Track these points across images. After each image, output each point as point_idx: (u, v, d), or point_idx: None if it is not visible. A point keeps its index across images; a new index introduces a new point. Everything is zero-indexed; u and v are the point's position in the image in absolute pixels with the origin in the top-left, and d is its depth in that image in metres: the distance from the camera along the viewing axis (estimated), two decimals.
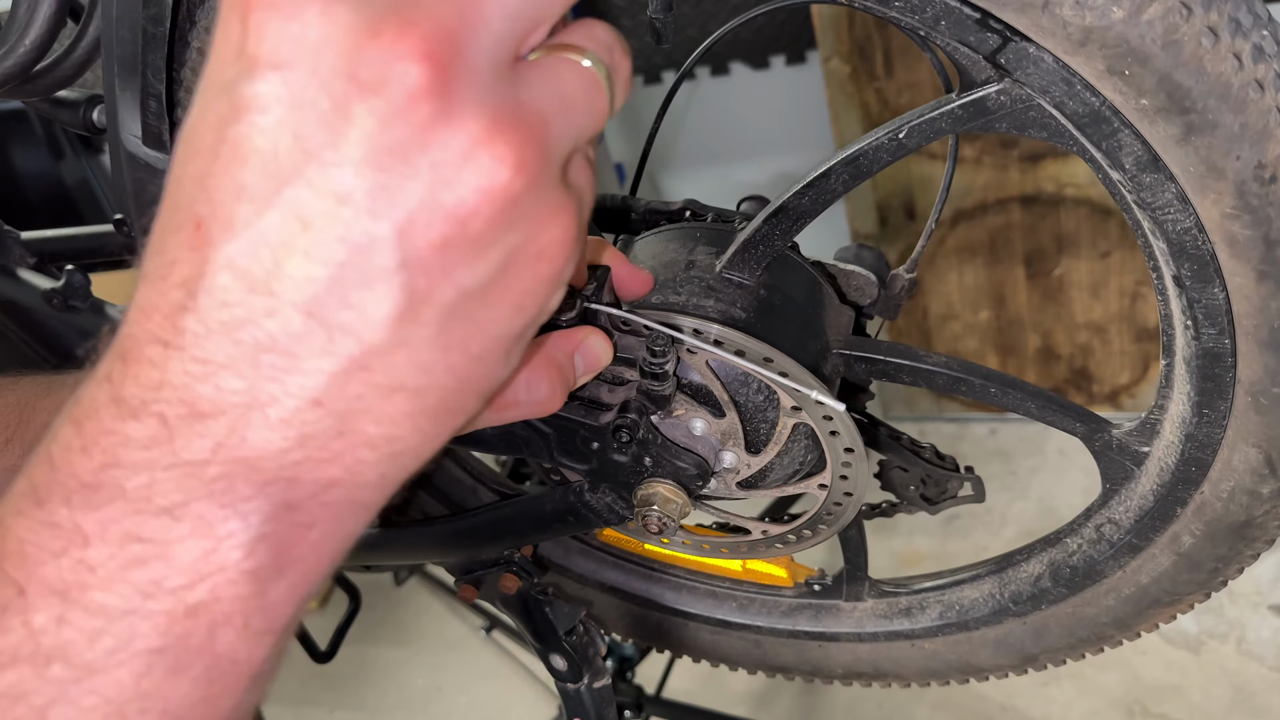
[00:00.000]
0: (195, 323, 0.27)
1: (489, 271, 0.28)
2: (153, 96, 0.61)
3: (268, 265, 0.27)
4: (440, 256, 0.27)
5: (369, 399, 0.28)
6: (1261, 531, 0.53)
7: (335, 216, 0.26)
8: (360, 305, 0.27)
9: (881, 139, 0.48)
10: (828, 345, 0.58)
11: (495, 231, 0.28)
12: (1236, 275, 0.43)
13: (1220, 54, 0.36)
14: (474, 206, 0.27)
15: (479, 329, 0.29)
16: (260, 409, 0.28)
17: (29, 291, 0.78)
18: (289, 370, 0.27)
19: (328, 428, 0.28)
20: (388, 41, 0.25)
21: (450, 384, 0.29)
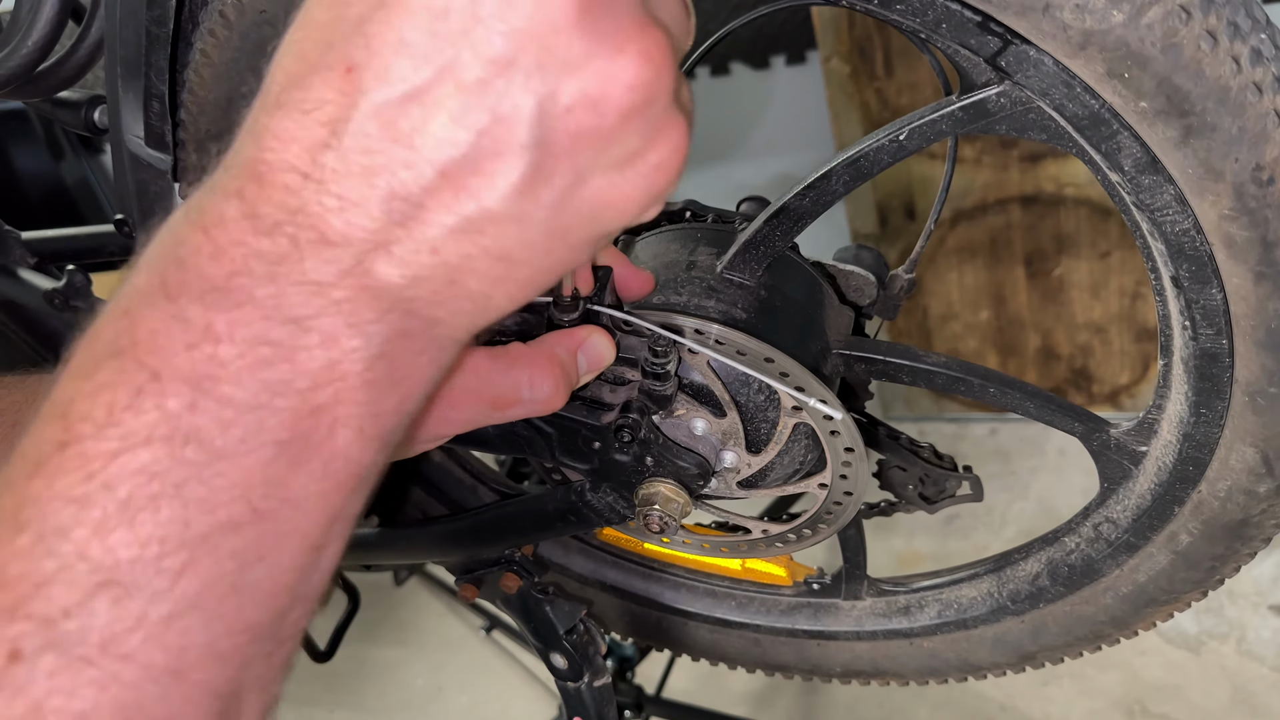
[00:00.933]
0: (335, 160, 0.29)
1: (608, 166, 0.30)
2: (156, 98, 0.62)
3: (415, 121, 0.28)
4: (571, 141, 0.29)
5: (477, 260, 0.31)
6: (1258, 530, 0.53)
7: (488, 85, 0.28)
8: (490, 173, 0.29)
9: (882, 141, 0.48)
10: (828, 345, 0.58)
11: (626, 128, 0.29)
12: (1234, 276, 0.43)
13: (1219, 57, 0.36)
14: (614, 99, 0.29)
15: (582, 220, 0.31)
16: (385, 247, 0.30)
17: (30, 291, 0.78)
18: (415, 219, 0.29)
19: (439, 275, 0.31)
20: None
21: (543, 264, 0.32)
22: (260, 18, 0.53)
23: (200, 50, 0.56)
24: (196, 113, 0.60)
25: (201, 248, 0.30)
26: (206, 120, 0.60)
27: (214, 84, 0.57)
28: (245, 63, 0.55)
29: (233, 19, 0.53)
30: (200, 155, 0.62)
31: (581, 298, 0.50)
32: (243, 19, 0.53)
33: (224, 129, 0.60)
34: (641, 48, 0.29)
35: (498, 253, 0.31)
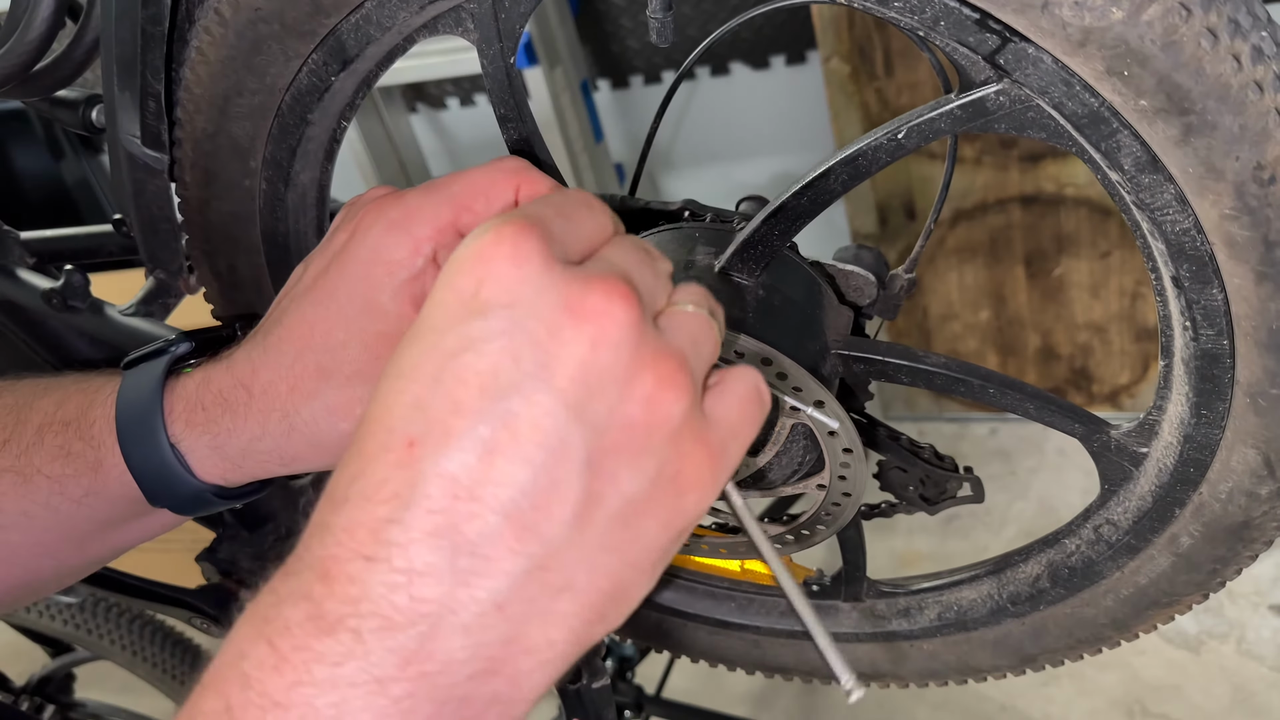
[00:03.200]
0: (400, 533, 0.30)
1: (646, 481, 0.32)
2: (151, 96, 0.61)
3: (476, 472, 0.30)
4: (613, 460, 0.31)
5: (540, 601, 0.31)
6: (1260, 532, 0.53)
7: (539, 424, 0.30)
8: (547, 505, 0.30)
9: (880, 139, 0.48)
10: (827, 345, 0.58)
11: (656, 443, 0.32)
12: (1235, 276, 0.43)
13: (1219, 55, 0.36)
14: (645, 420, 0.32)
15: (635, 536, 0.32)
16: (450, 615, 0.30)
17: (29, 291, 0.78)
18: (480, 573, 0.30)
19: (501, 634, 0.31)
20: (599, 284, 0.32)
21: (606, 587, 0.32)
22: (256, 15, 0.52)
23: (196, 48, 0.56)
24: (193, 111, 0.59)
25: (265, 660, 0.30)
26: (203, 119, 0.60)
27: (210, 82, 0.57)
28: (241, 61, 0.55)
29: (228, 17, 0.53)
30: (196, 154, 0.62)
31: None
32: (238, 17, 0.53)
33: (220, 127, 0.59)
34: (666, 377, 0.32)
35: (561, 585, 0.31)
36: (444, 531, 0.30)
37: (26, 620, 1.33)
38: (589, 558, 0.31)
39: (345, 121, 0.60)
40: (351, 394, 0.48)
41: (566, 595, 0.31)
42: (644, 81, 2.37)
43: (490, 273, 0.32)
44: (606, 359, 0.31)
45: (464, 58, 2.10)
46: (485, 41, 0.51)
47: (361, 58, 0.54)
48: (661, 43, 0.48)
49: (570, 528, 0.31)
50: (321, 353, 0.48)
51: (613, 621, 0.34)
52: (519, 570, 0.30)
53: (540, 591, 0.31)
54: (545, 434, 0.30)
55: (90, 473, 0.51)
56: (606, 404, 0.31)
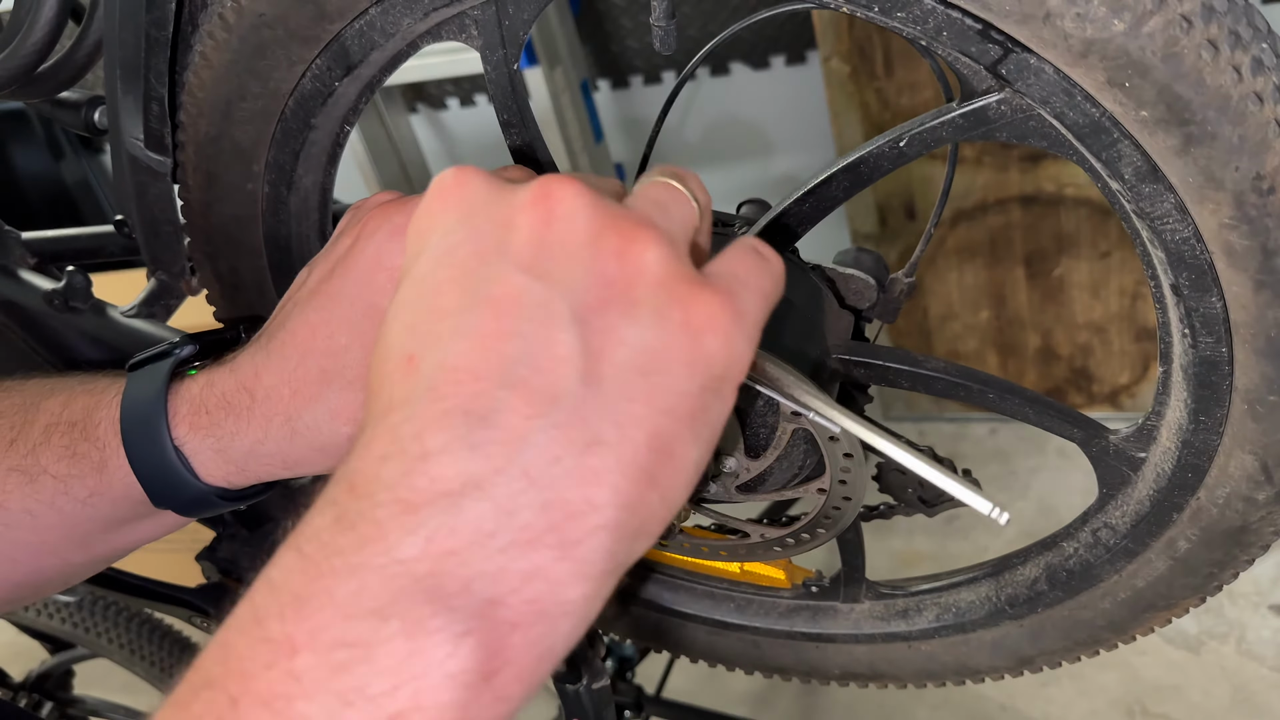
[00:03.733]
0: (410, 425, 0.30)
1: (648, 328, 0.32)
2: (155, 100, 0.62)
3: (472, 355, 0.31)
4: (603, 315, 0.32)
5: (567, 460, 0.30)
6: (1257, 537, 0.53)
7: (516, 298, 0.31)
8: (549, 367, 0.31)
9: (882, 147, 0.48)
10: (826, 350, 0.58)
11: (643, 292, 0.32)
12: (1234, 284, 0.43)
13: (1220, 67, 0.36)
14: (623, 275, 0.32)
15: (658, 383, 0.32)
16: (473, 490, 0.29)
17: (30, 292, 0.78)
18: (497, 442, 0.30)
19: (532, 500, 0.30)
20: (543, 179, 0.34)
21: (641, 437, 0.31)
22: (259, 20, 0.53)
23: (200, 53, 0.56)
24: (196, 115, 0.60)
25: (291, 565, 0.30)
26: (206, 122, 0.60)
27: (213, 86, 0.57)
28: (245, 65, 0.55)
29: (232, 22, 0.53)
30: (199, 158, 0.62)
31: None
32: (242, 22, 0.53)
33: (223, 131, 0.59)
34: (621, 230, 0.33)
35: (586, 439, 0.30)
36: (453, 413, 0.30)
37: (26, 618, 1.34)
38: (611, 408, 0.31)
39: (349, 126, 0.60)
40: (354, 398, 0.48)
41: (597, 450, 0.30)
42: (644, 81, 2.37)
43: (443, 202, 0.35)
44: (563, 228, 0.33)
45: (464, 58, 2.10)
46: (489, 48, 0.51)
47: (365, 63, 0.54)
48: (665, 50, 0.48)
49: (579, 383, 0.31)
50: (324, 357, 0.48)
51: (664, 485, 0.32)
52: (537, 432, 0.30)
53: (565, 449, 0.30)
54: (522, 304, 0.31)
55: (95, 473, 0.52)
56: (578, 266, 0.32)
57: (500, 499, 0.29)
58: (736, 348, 0.34)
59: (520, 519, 0.29)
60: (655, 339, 0.32)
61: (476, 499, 0.29)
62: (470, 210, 0.34)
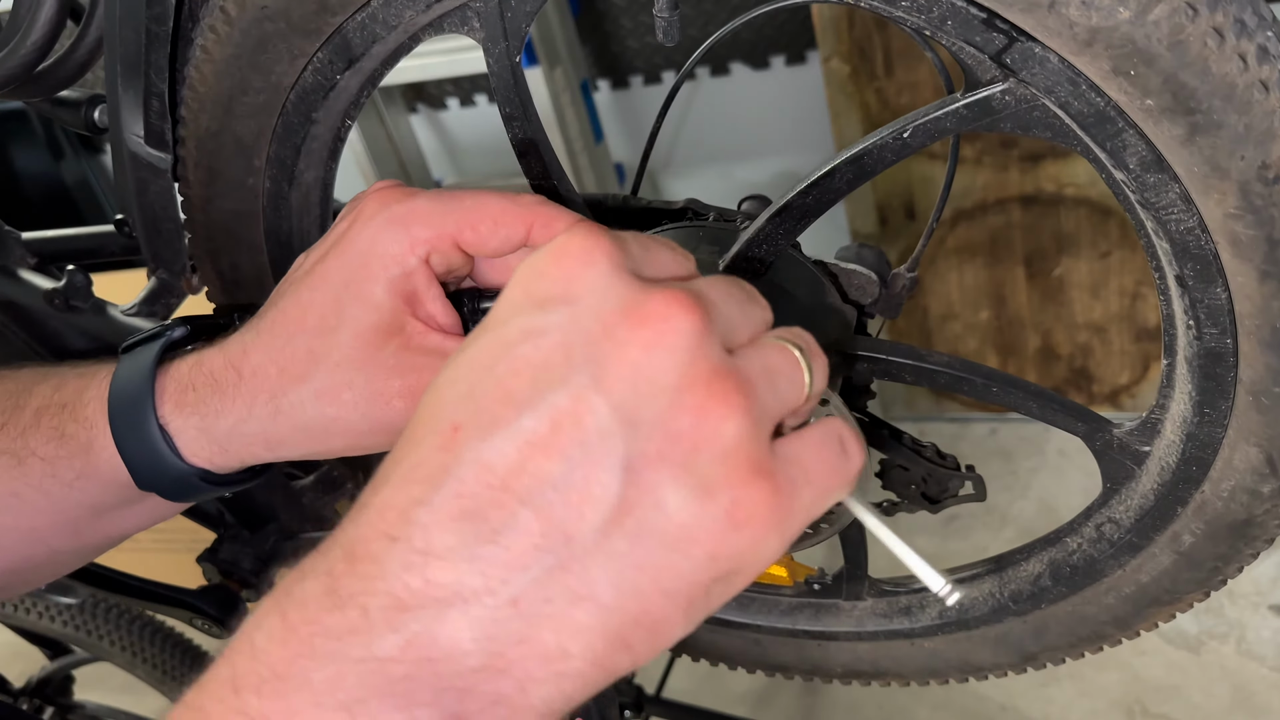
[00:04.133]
0: (425, 514, 0.30)
1: (692, 500, 0.30)
2: (155, 96, 0.61)
3: (511, 461, 0.29)
4: (655, 471, 0.30)
5: (557, 603, 0.30)
6: (1262, 530, 0.53)
7: (581, 420, 0.30)
8: (578, 504, 0.30)
9: (886, 139, 0.48)
10: (831, 344, 0.58)
11: (704, 460, 0.30)
12: (1239, 275, 0.43)
13: (1226, 55, 0.36)
14: (693, 436, 0.30)
15: (674, 563, 0.31)
16: (461, 603, 0.29)
17: (31, 291, 0.78)
18: (499, 564, 0.29)
19: (513, 631, 0.30)
20: (665, 292, 0.31)
21: (634, 610, 0.31)
22: (262, 14, 0.53)
23: (201, 47, 0.56)
24: (197, 110, 0.59)
25: (275, 632, 0.30)
26: (207, 118, 0.60)
27: (215, 81, 0.57)
28: (247, 59, 0.55)
29: (234, 15, 0.53)
30: (200, 153, 0.62)
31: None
32: (244, 15, 0.53)
33: (224, 126, 0.59)
34: (719, 394, 0.31)
35: (581, 593, 0.30)
36: (469, 516, 0.29)
37: (25, 621, 1.33)
38: (617, 571, 0.30)
39: (350, 120, 0.60)
40: (339, 379, 0.47)
41: (587, 605, 0.30)
42: (644, 81, 2.37)
43: (559, 270, 0.32)
44: (660, 363, 0.30)
45: (464, 58, 2.10)
46: (491, 40, 0.51)
47: (367, 56, 0.54)
48: (668, 42, 0.48)
49: (600, 533, 0.30)
50: (313, 337, 0.48)
51: (638, 653, 0.32)
52: (539, 567, 0.29)
53: (559, 593, 0.30)
54: (586, 431, 0.30)
55: (82, 454, 0.51)
56: (654, 410, 0.30)
57: (484, 621, 0.29)
58: (767, 549, 0.32)
59: (496, 645, 0.30)
60: (691, 516, 0.30)
61: (462, 614, 0.29)
62: (581, 296, 0.32)
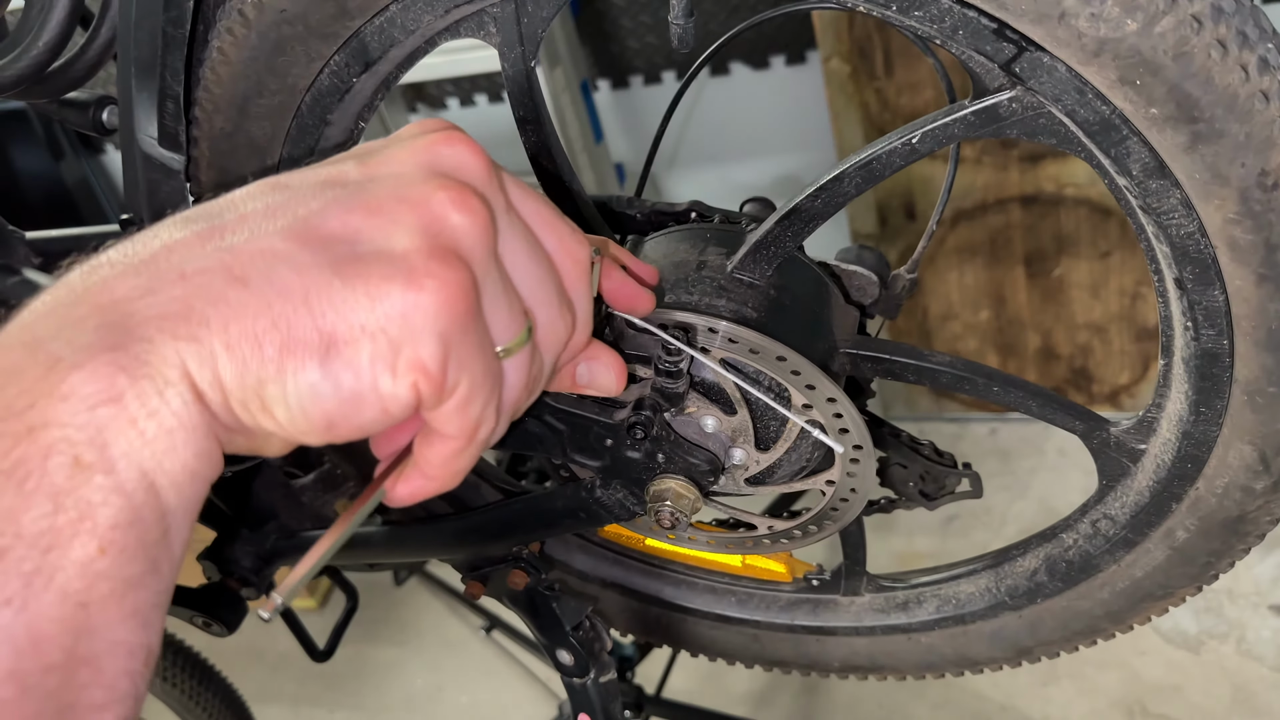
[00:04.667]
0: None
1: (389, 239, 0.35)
2: (170, 97, 0.62)
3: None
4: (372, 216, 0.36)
5: (213, 274, 0.33)
6: (1254, 526, 0.54)
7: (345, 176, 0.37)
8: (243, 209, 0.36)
9: (895, 144, 0.49)
10: (835, 344, 0.59)
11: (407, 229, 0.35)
12: (1237, 278, 0.44)
13: (1228, 66, 0.37)
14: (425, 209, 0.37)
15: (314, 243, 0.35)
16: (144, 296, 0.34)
17: (33, 291, 0.79)
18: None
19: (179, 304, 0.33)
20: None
21: (277, 287, 0.33)
22: (280, 17, 0.53)
23: (218, 49, 0.57)
24: (211, 111, 0.60)
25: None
26: (221, 119, 0.60)
27: (230, 83, 0.58)
28: (263, 61, 0.56)
29: (252, 18, 0.54)
30: (213, 154, 0.63)
31: (603, 301, 0.51)
32: (262, 18, 0.54)
33: (239, 127, 0.60)
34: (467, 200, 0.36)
35: (237, 271, 0.33)
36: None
37: None
38: (261, 249, 0.34)
39: (363, 123, 0.61)
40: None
41: (236, 285, 0.33)
42: (644, 81, 2.38)
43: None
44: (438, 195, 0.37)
45: (464, 58, 2.11)
46: (507, 45, 0.51)
47: (383, 59, 0.55)
48: (683, 48, 0.49)
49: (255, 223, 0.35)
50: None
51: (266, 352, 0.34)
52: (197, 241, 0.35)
53: (214, 264, 0.34)
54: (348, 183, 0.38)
55: None
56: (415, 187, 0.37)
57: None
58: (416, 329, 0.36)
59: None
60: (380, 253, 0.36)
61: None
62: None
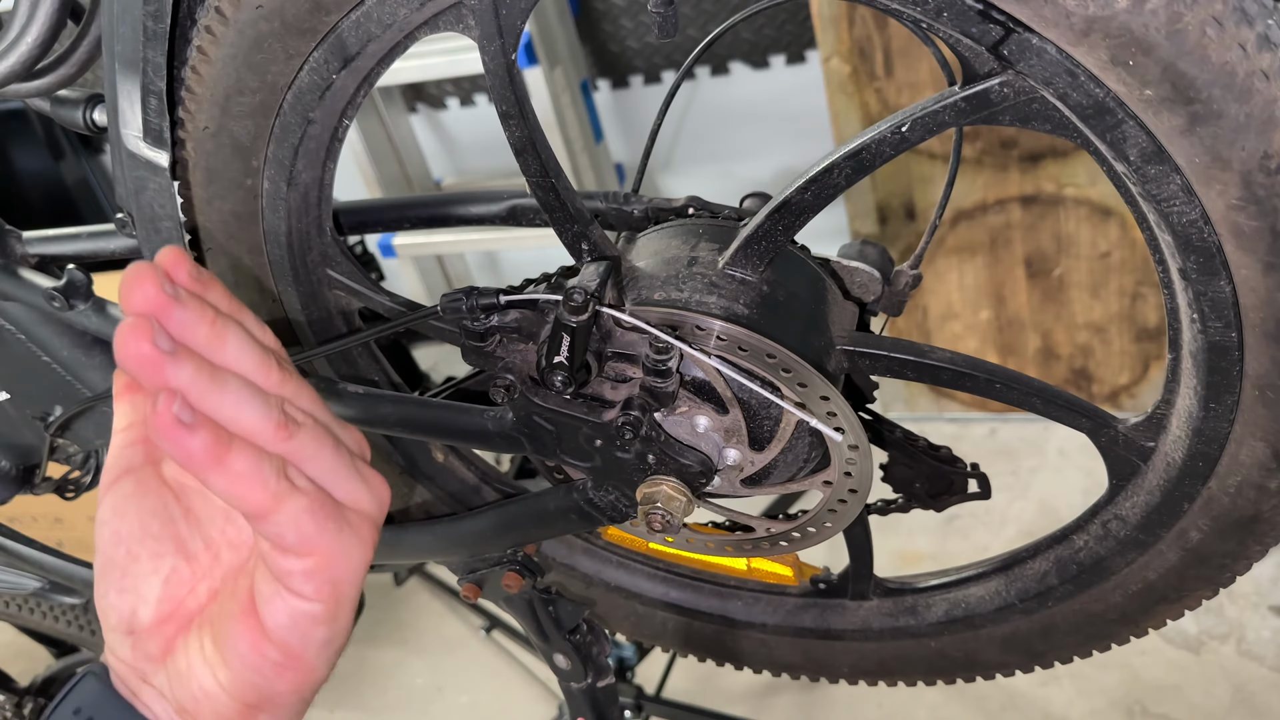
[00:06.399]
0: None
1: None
2: (153, 94, 0.61)
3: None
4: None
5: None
6: (1270, 526, 0.53)
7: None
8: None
9: (884, 132, 0.47)
10: (831, 341, 0.58)
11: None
12: (1243, 267, 0.42)
13: (1225, 43, 0.36)
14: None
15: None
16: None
17: (31, 290, 0.78)
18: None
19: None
20: None
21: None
22: (256, 13, 0.52)
23: (198, 47, 0.56)
24: (194, 110, 0.59)
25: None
26: (204, 118, 0.59)
27: (212, 81, 0.57)
28: (242, 59, 0.55)
29: (229, 15, 0.53)
30: (198, 153, 0.62)
31: (591, 295, 0.50)
32: (239, 15, 0.53)
33: (222, 126, 0.59)
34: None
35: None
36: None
37: (30, 621, 1.33)
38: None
39: (347, 120, 0.60)
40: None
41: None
42: (644, 81, 2.37)
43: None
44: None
45: (464, 58, 2.10)
46: (486, 38, 0.50)
47: (362, 55, 0.54)
48: (666, 36, 0.47)
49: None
50: None
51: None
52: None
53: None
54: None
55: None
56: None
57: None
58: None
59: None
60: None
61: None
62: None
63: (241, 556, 0.44)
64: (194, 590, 0.43)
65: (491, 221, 0.74)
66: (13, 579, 1.02)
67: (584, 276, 0.53)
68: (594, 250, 0.55)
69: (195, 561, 0.43)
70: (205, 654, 0.42)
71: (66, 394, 0.81)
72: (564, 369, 0.53)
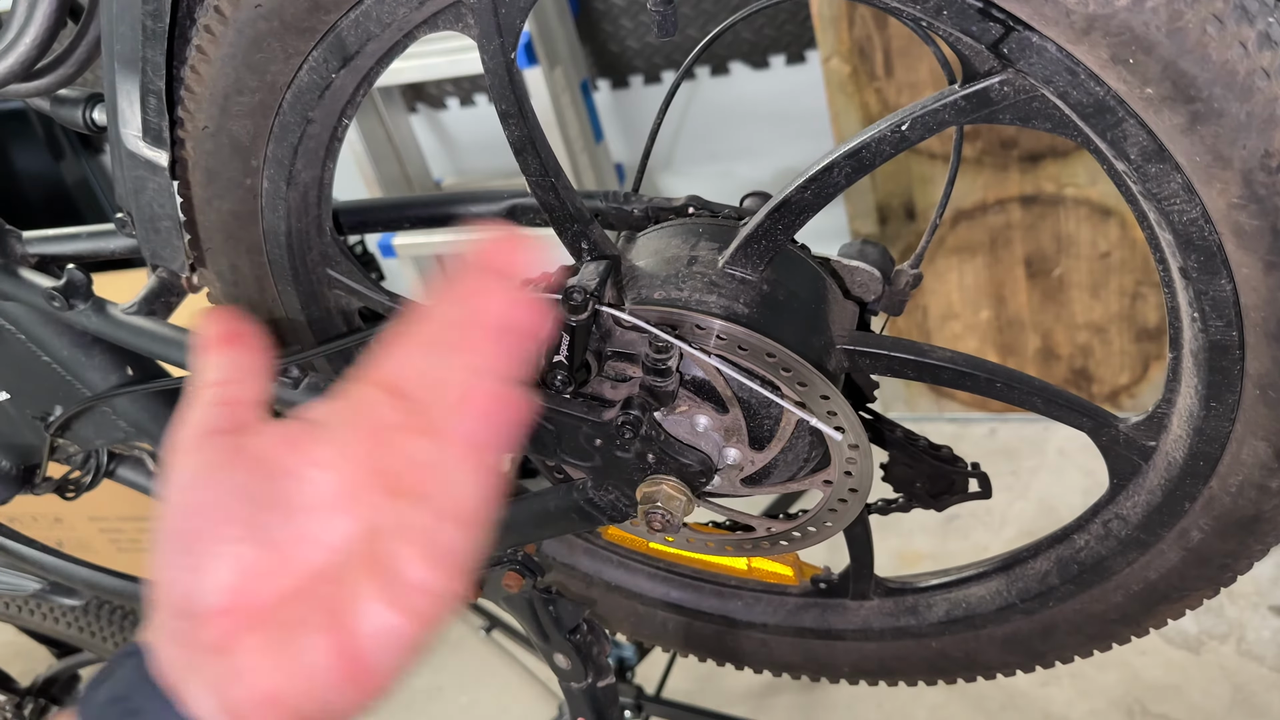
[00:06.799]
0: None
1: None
2: (152, 93, 0.61)
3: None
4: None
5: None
6: (1271, 526, 0.53)
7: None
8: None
9: (884, 131, 0.47)
10: (832, 340, 0.58)
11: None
12: (1244, 266, 0.42)
13: (1226, 41, 0.36)
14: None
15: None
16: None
17: (30, 290, 0.78)
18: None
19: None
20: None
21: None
22: (255, 13, 0.52)
23: (197, 46, 0.56)
24: (194, 109, 0.59)
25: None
26: (204, 117, 0.59)
27: (210, 80, 0.57)
28: (241, 58, 0.55)
29: (228, 14, 0.53)
30: (197, 152, 0.62)
31: (591, 294, 0.50)
32: (238, 14, 0.53)
33: (221, 125, 0.59)
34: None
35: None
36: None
37: (30, 622, 1.33)
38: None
39: (346, 119, 0.60)
40: None
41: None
42: (644, 81, 2.37)
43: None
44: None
45: (464, 58, 2.10)
46: (485, 37, 0.50)
47: (361, 54, 0.54)
48: (664, 34, 0.47)
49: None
50: None
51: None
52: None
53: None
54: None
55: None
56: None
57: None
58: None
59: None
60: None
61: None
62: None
63: (326, 559, 0.39)
64: (267, 585, 0.39)
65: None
66: (13, 580, 1.02)
67: (584, 276, 0.53)
68: (594, 249, 0.55)
69: (274, 554, 0.39)
70: (271, 657, 0.38)
71: (66, 394, 0.81)
72: (563, 368, 0.53)
